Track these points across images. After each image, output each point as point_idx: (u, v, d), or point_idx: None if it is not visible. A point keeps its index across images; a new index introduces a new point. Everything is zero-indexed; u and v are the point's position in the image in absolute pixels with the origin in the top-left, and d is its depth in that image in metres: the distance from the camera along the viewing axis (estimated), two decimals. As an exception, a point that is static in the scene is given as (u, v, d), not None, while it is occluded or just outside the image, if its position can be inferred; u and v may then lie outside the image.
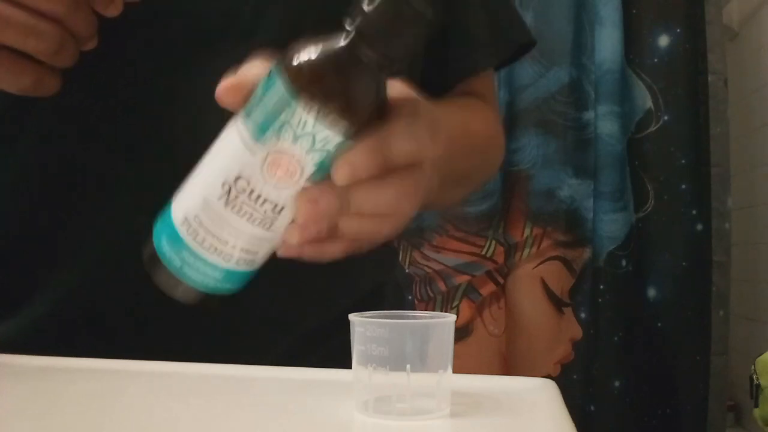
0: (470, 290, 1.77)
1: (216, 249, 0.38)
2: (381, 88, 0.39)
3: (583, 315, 1.74)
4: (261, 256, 0.40)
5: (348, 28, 0.37)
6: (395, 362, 0.34)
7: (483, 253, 1.77)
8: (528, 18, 1.75)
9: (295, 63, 0.37)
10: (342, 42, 0.37)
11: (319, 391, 0.40)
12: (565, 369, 1.73)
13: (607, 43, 1.72)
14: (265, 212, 0.37)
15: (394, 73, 0.38)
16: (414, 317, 0.36)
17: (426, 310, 1.73)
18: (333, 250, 0.40)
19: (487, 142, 0.65)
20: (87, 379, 0.43)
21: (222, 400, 0.38)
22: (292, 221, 0.38)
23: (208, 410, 0.36)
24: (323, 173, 0.37)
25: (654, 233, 1.72)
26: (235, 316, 0.53)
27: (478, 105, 0.65)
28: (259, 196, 0.37)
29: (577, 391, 1.70)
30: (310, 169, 0.37)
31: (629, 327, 1.70)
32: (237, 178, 0.37)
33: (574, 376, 1.72)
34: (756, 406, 1.42)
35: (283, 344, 0.57)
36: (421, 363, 0.34)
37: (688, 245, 1.69)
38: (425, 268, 1.78)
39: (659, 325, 1.70)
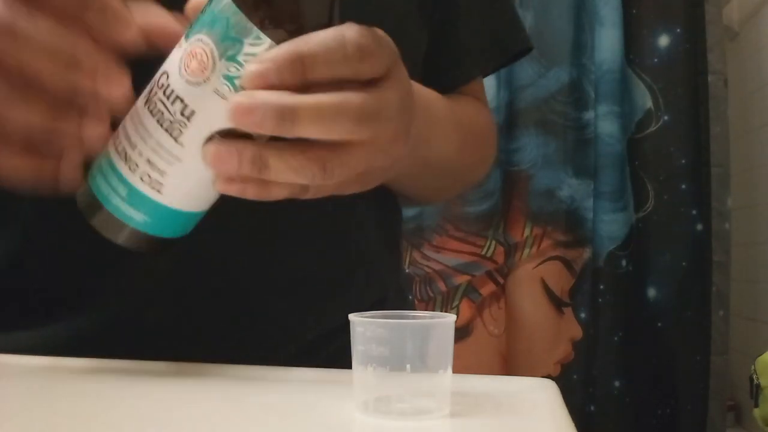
0: (470, 290, 1.77)
1: (126, 155, 0.37)
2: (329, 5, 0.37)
3: (583, 315, 1.74)
4: (169, 182, 0.37)
5: None
6: (395, 362, 0.34)
7: (483, 253, 1.77)
8: (528, 18, 1.75)
9: None
10: None
11: (319, 391, 0.40)
12: (565, 369, 1.73)
13: (607, 43, 1.72)
14: (174, 113, 0.36)
15: None
16: (414, 317, 0.36)
17: (426, 310, 1.73)
18: (277, 190, 0.38)
19: (474, 129, 0.64)
20: (88, 379, 0.43)
21: (222, 400, 0.38)
22: (208, 140, 0.36)
23: (209, 410, 0.36)
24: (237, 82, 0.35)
25: (654, 233, 1.72)
26: (242, 326, 0.53)
27: (465, 98, 0.65)
28: (172, 92, 0.36)
29: (577, 391, 1.70)
30: (221, 66, 0.35)
31: (629, 327, 1.70)
32: (161, 75, 0.36)
33: (574, 376, 1.72)
34: (756, 406, 1.42)
35: (286, 351, 0.57)
36: (421, 363, 0.34)
37: (688, 245, 1.69)
38: (425, 268, 1.78)
39: (659, 325, 1.70)
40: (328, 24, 0.37)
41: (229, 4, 0.35)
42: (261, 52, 0.35)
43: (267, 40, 0.35)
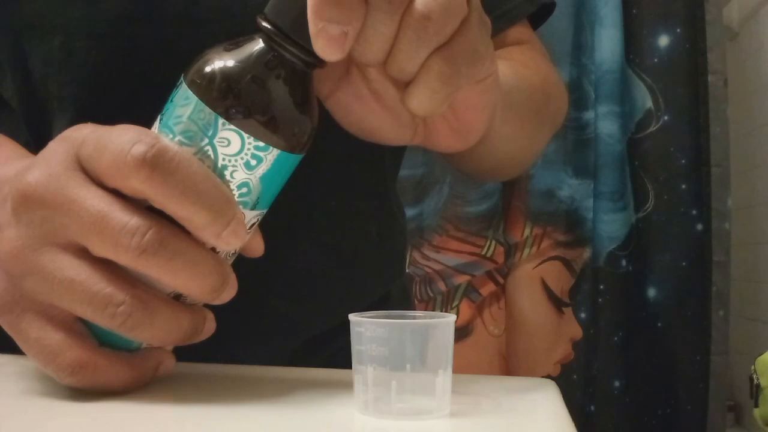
0: (470, 290, 1.77)
1: None
2: (309, 86, 0.36)
3: (583, 315, 1.74)
4: None
5: (263, 24, 0.34)
6: (395, 362, 0.34)
7: (483, 253, 1.77)
8: (528, 18, 1.75)
9: (207, 76, 0.34)
10: (259, 44, 0.34)
11: (319, 391, 0.40)
12: (565, 369, 1.73)
13: (607, 43, 1.72)
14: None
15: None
16: (414, 317, 0.36)
17: (426, 310, 1.73)
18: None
19: (541, 83, 0.60)
20: (87, 379, 0.43)
21: (222, 400, 0.38)
22: None
23: (208, 410, 0.36)
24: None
25: (654, 233, 1.72)
26: (242, 324, 0.53)
27: (517, 48, 0.62)
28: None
29: (577, 391, 1.70)
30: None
31: (629, 327, 1.70)
32: None
33: (574, 376, 1.72)
34: (756, 406, 1.42)
35: (286, 351, 0.57)
36: (421, 363, 0.34)
37: (688, 245, 1.69)
38: (425, 268, 1.78)
39: (659, 325, 1.70)
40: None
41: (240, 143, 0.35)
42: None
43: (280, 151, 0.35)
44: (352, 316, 0.35)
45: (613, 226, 1.72)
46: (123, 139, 0.33)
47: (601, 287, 1.72)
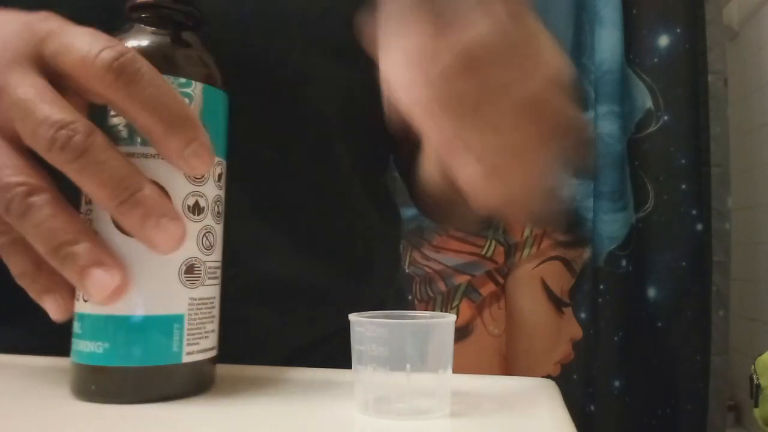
0: (470, 290, 1.77)
1: None
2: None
3: (583, 315, 1.74)
4: None
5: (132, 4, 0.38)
6: (395, 362, 0.34)
7: (483, 253, 1.77)
8: (528, 18, 1.75)
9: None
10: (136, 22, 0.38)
11: (319, 391, 0.40)
12: (565, 369, 1.73)
13: (607, 43, 1.72)
14: None
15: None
16: (414, 317, 0.36)
17: (426, 310, 1.73)
18: None
19: None
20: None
21: (221, 399, 0.38)
22: None
23: (208, 410, 0.36)
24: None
25: (654, 233, 1.72)
26: (236, 330, 0.53)
27: None
28: None
29: (577, 391, 1.70)
30: None
31: (629, 327, 1.70)
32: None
33: (574, 376, 1.72)
34: (756, 406, 1.42)
35: (280, 356, 0.57)
36: (421, 363, 0.34)
37: (688, 245, 1.69)
38: (425, 268, 1.78)
39: (659, 325, 1.70)
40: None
41: None
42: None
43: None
44: (352, 316, 0.35)
45: (613, 226, 1.72)
46: (91, 42, 0.33)
47: (601, 287, 1.72)
